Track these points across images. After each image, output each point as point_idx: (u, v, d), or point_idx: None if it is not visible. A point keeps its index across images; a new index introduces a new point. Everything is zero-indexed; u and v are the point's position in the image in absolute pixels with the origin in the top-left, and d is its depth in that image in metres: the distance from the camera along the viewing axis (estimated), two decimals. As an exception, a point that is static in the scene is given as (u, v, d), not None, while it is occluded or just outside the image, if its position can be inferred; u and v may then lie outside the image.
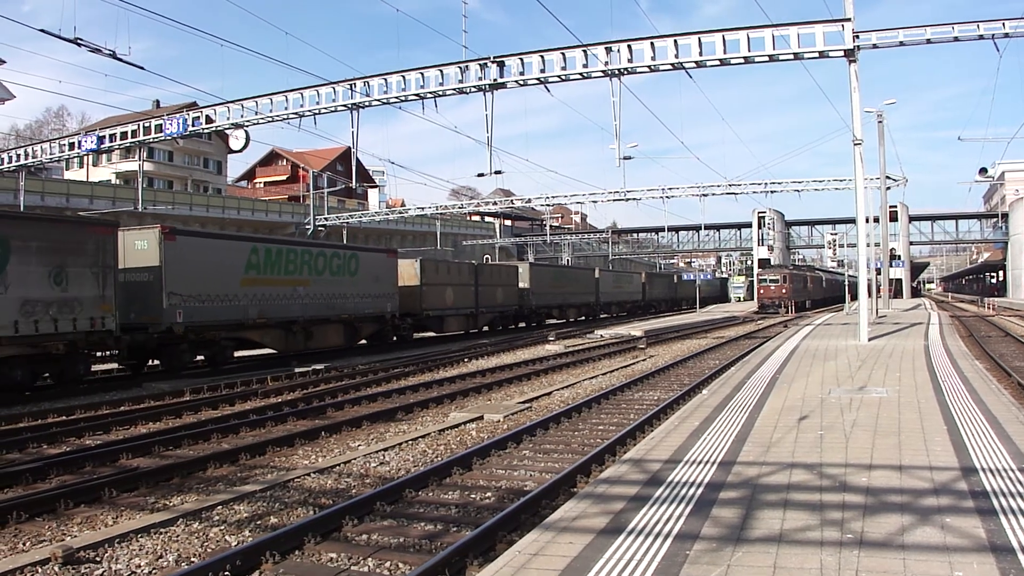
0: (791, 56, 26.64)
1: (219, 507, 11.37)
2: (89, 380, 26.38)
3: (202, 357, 30.68)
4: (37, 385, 24.32)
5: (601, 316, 75.90)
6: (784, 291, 79.75)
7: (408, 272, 44.87)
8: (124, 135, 39.13)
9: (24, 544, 10.06)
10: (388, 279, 41.53)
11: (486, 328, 55.45)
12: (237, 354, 32.72)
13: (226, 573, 8.38)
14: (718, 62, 27.41)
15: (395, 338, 43.06)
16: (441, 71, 30.49)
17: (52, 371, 24.76)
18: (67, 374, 24.84)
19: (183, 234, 29.88)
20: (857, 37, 25.91)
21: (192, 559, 9.30)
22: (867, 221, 31.59)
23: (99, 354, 27.41)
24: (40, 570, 8.89)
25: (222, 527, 10.52)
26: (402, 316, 43.08)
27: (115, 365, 29.11)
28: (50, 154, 43.22)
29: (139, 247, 27.72)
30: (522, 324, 60.86)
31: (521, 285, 59.87)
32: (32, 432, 17.72)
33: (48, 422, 19.27)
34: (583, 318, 72.49)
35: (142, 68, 27.99)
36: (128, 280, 26.88)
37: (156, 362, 29.19)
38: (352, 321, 38.50)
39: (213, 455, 14.65)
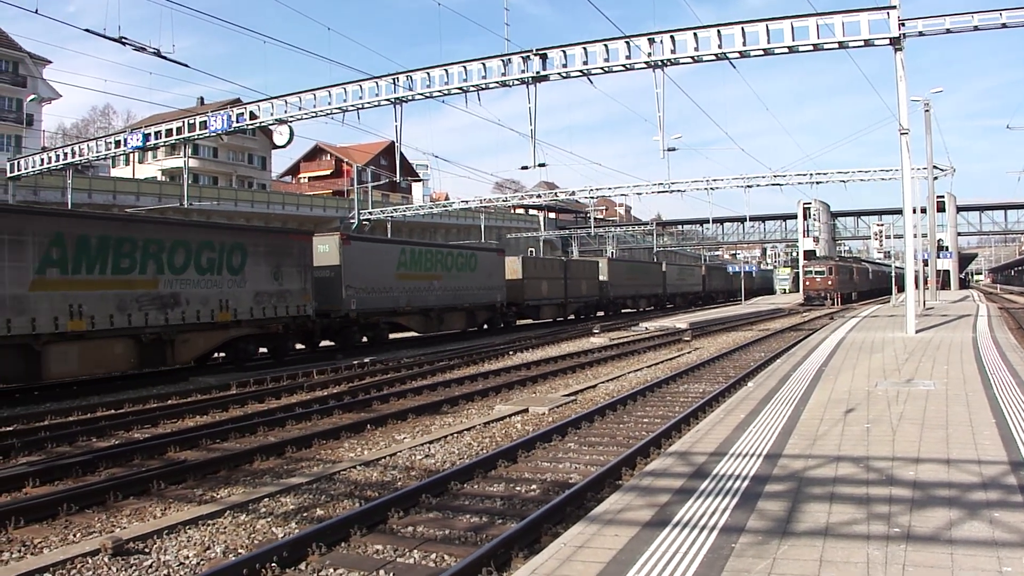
0: (836, 45, 26.44)
1: (266, 499, 11.45)
2: (290, 356, 32.83)
3: (365, 338, 38.06)
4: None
5: (667, 306, 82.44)
6: (830, 283, 79.08)
7: (512, 268, 52.95)
8: (169, 132, 39.48)
9: (75, 535, 10.18)
10: (498, 274, 50.07)
11: (572, 316, 62.31)
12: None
13: (273, 564, 8.42)
14: (762, 52, 27.23)
15: (501, 325, 51.09)
16: (484, 64, 30.50)
17: (270, 346, 31.92)
18: (280, 350, 32.09)
19: (355, 239, 38.67)
20: (903, 25, 25.66)
21: (239, 550, 9.37)
22: (914, 212, 31.28)
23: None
24: (90, 561, 8.98)
25: (269, 519, 10.59)
26: (508, 305, 51.17)
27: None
28: (96, 152, 43.66)
29: (322, 250, 34.95)
30: (600, 313, 67.52)
31: (601, 278, 67.42)
32: (81, 426, 17.92)
33: (97, 416, 19.51)
34: (651, 308, 78.65)
35: (186, 66, 28.18)
36: (316, 276, 33.30)
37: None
38: (472, 309, 46.91)
39: (259, 448, 14.77)
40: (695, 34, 27.51)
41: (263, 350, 31.85)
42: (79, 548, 9.31)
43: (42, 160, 46.67)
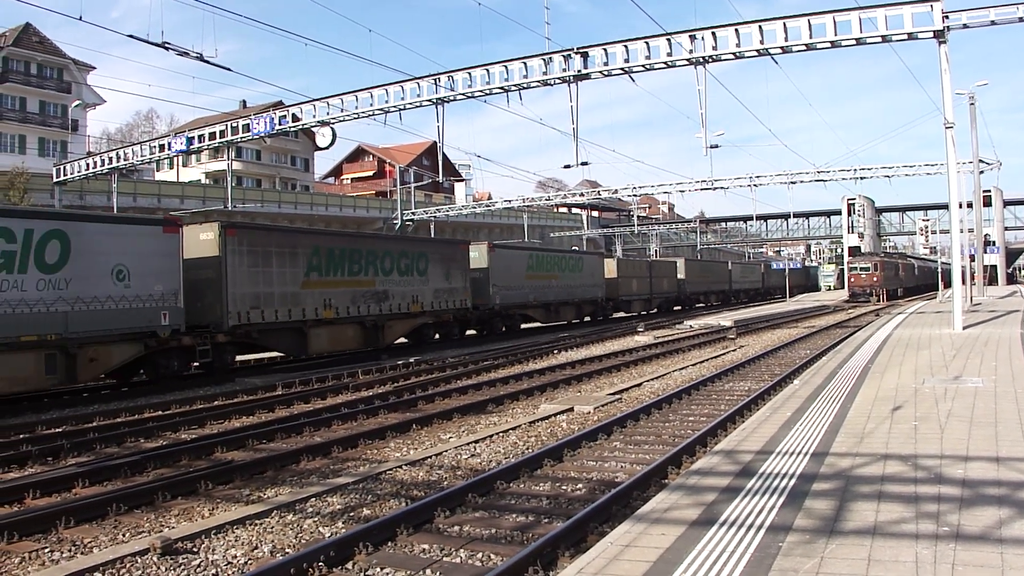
0: (879, 39, 26.18)
1: (312, 499, 11.53)
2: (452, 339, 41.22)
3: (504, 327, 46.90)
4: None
5: (732, 301, 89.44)
6: (875, 279, 78.44)
7: (609, 268, 62.20)
8: (212, 135, 39.72)
9: (124, 535, 10.29)
10: (599, 274, 59.66)
11: (655, 310, 70.59)
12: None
13: (320, 564, 8.46)
14: (804, 47, 27.03)
15: (601, 317, 59.74)
16: (525, 63, 30.46)
17: (441, 332, 41.04)
18: (450, 334, 41.48)
19: (498, 247, 47.55)
20: (947, 17, 25.38)
21: (287, 550, 9.45)
22: (960, 206, 30.96)
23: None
24: (139, 560, 9.07)
25: (316, 519, 10.66)
26: (607, 300, 60.38)
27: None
28: (141, 156, 43.98)
29: (474, 256, 43.74)
30: (677, 307, 75.65)
31: (679, 276, 76.18)
32: (129, 427, 18.11)
33: (144, 417, 19.70)
34: (719, 303, 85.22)
35: (229, 69, 28.56)
36: (471, 277, 42.67)
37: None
38: (580, 303, 56.67)
39: (306, 448, 14.87)
40: (736, 30, 27.34)
41: (415, 338, 39.26)
42: (128, 548, 9.42)
43: (88, 165, 47.07)
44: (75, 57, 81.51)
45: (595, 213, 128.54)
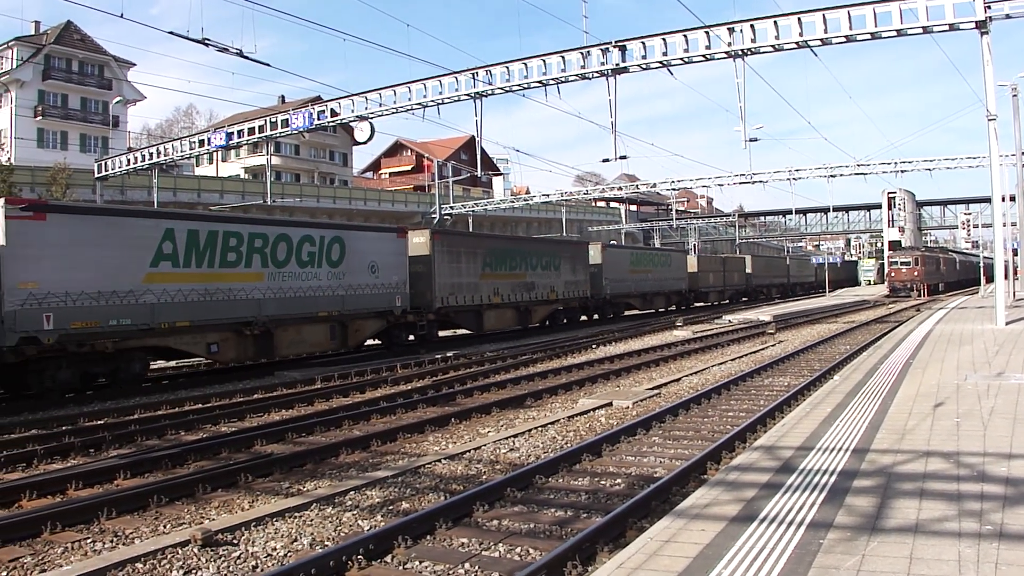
0: (920, 30, 25.93)
1: (352, 492, 11.56)
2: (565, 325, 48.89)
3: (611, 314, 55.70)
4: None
5: (789, 293, 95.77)
6: (916, 274, 77.83)
7: (691, 263, 70.73)
8: (251, 131, 39.93)
9: (165, 526, 10.38)
10: (683, 268, 68.29)
11: (727, 301, 78.21)
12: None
13: (359, 557, 8.50)
14: (844, 39, 26.81)
15: (684, 306, 67.91)
16: (563, 57, 30.42)
17: (567, 318, 49.60)
18: (570, 320, 50.13)
19: (609, 247, 57.41)
20: (989, 7, 25.08)
21: (326, 542, 9.49)
22: (1003, 200, 30.67)
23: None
24: (180, 551, 9.14)
25: (355, 512, 10.70)
26: (688, 291, 68.74)
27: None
28: (181, 152, 44.24)
29: (592, 254, 52.50)
30: (745, 299, 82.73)
31: (747, 271, 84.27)
32: (170, 419, 18.27)
33: (185, 410, 19.83)
34: (778, 296, 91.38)
35: (268, 65, 28.74)
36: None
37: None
38: (668, 294, 64.98)
39: (345, 441, 14.92)
40: (775, 22, 27.16)
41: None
42: (169, 539, 9.49)
43: (128, 160, 47.39)
44: (116, 54, 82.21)
45: (633, 207, 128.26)
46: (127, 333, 23.55)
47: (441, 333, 39.06)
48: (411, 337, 35.97)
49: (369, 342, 34.62)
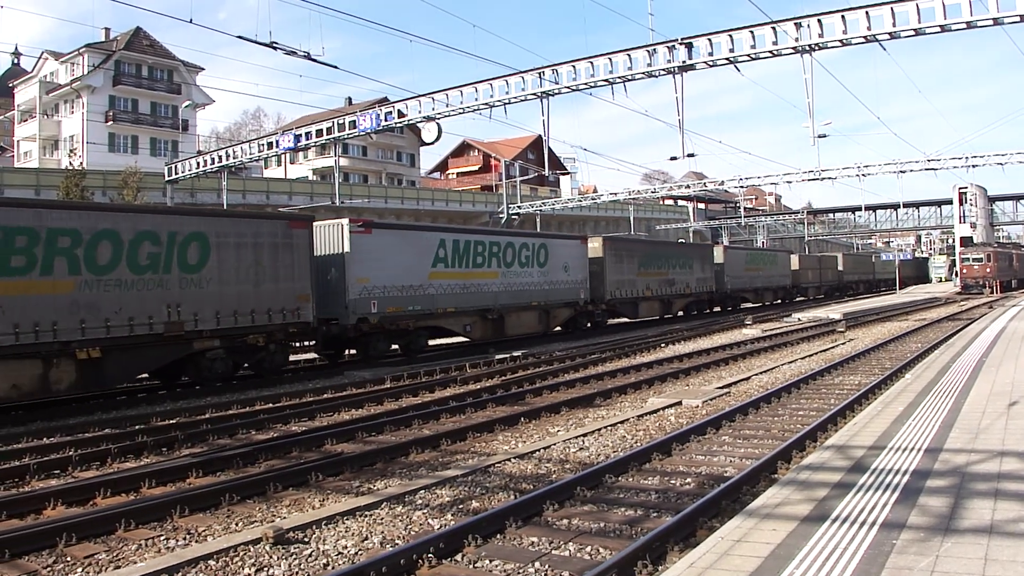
0: (990, 21, 25.44)
1: (421, 491, 11.60)
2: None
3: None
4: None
5: (874, 290, 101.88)
6: (988, 270, 76.74)
7: (794, 262, 77.69)
8: (319, 133, 40.14)
9: (237, 524, 10.51)
10: (787, 266, 75.40)
11: (822, 296, 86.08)
12: (434, 342, 35.13)
13: (429, 555, 8.54)
14: (913, 32, 26.38)
15: (788, 300, 74.92)
16: (629, 55, 30.25)
17: (696, 309, 57.02)
18: (700, 312, 57.59)
19: (729, 248, 66.66)
20: (1063, -3, 24.62)
21: (396, 541, 9.53)
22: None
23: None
24: (252, 549, 9.24)
25: (425, 511, 10.74)
26: (791, 287, 75.99)
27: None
28: (249, 154, 44.64)
29: (716, 253, 60.80)
30: (837, 293, 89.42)
31: (839, 268, 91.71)
32: (241, 419, 18.47)
33: (255, 409, 20.03)
34: (864, 291, 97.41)
35: (336, 67, 28.88)
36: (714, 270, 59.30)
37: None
38: (775, 289, 71.82)
39: (414, 441, 14.99)
40: (843, 16, 26.81)
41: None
42: (241, 536, 9.60)
43: (198, 164, 47.91)
44: (184, 59, 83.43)
45: (701, 205, 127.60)
46: (418, 315, 31.67)
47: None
48: (588, 324, 43.98)
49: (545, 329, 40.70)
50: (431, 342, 34.15)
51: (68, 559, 9.37)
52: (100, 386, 21.97)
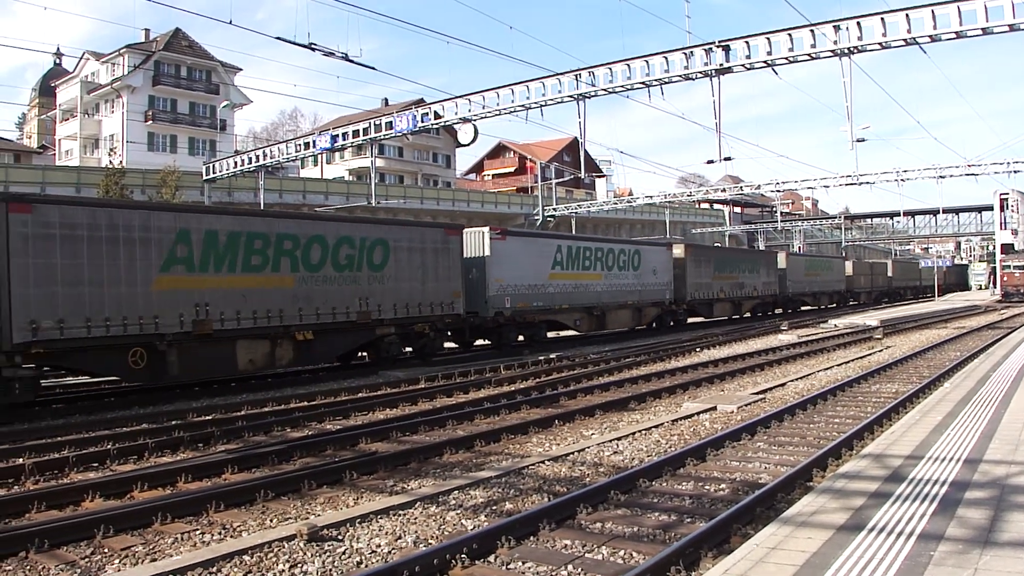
0: (1034, 24, 25.23)
1: (455, 492, 11.62)
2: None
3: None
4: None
5: (920, 294, 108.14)
6: (1030, 278, 76.09)
7: (848, 268, 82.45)
8: (356, 133, 40.22)
9: (271, 521, 10.57)
10: (842, 272, 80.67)
11: (864, 300, 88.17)
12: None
13: (463, 556, 8.55)
14: (954, 35, 26.12)
15: (842, 304, 79.53)
16: (666, 58, 30.12)
17: (761, 311, 61.59)
18: (772, 312, 63.53)
19: (792, 254, 71.69)
20: (1106, -1, 24.32)
21: (430, 541, 9.55)
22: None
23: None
24: (286, 545, 9.29)
25: (458, 511, 10.75)
26: (846, 292, 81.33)
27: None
28: (286, 154, 44.80)
29: (780, 258, 65.82)
30: (885, 300, 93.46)
31: (888, 275, 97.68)
32: (276, 416, 18.56)
33: (291, 407, 20.13)
34: (911, 296, 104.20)
35: (373, 68, 28.90)
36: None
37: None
38: (830, 293, 77.31)
39: (449, 441, 15.03)
40: (882, 19, 26.60)
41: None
42: (276, 533, 9.67)
43: (235, 163, 48.17)
44: (223, 59, 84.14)
45: (737, 209, 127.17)
46: (540, 311, 36.67)
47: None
48: (671, 323, 48.87)
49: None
50: (549, 334, 39.05)
51: (106, 550, 9.47)
52: (311, 363, 27.28)
